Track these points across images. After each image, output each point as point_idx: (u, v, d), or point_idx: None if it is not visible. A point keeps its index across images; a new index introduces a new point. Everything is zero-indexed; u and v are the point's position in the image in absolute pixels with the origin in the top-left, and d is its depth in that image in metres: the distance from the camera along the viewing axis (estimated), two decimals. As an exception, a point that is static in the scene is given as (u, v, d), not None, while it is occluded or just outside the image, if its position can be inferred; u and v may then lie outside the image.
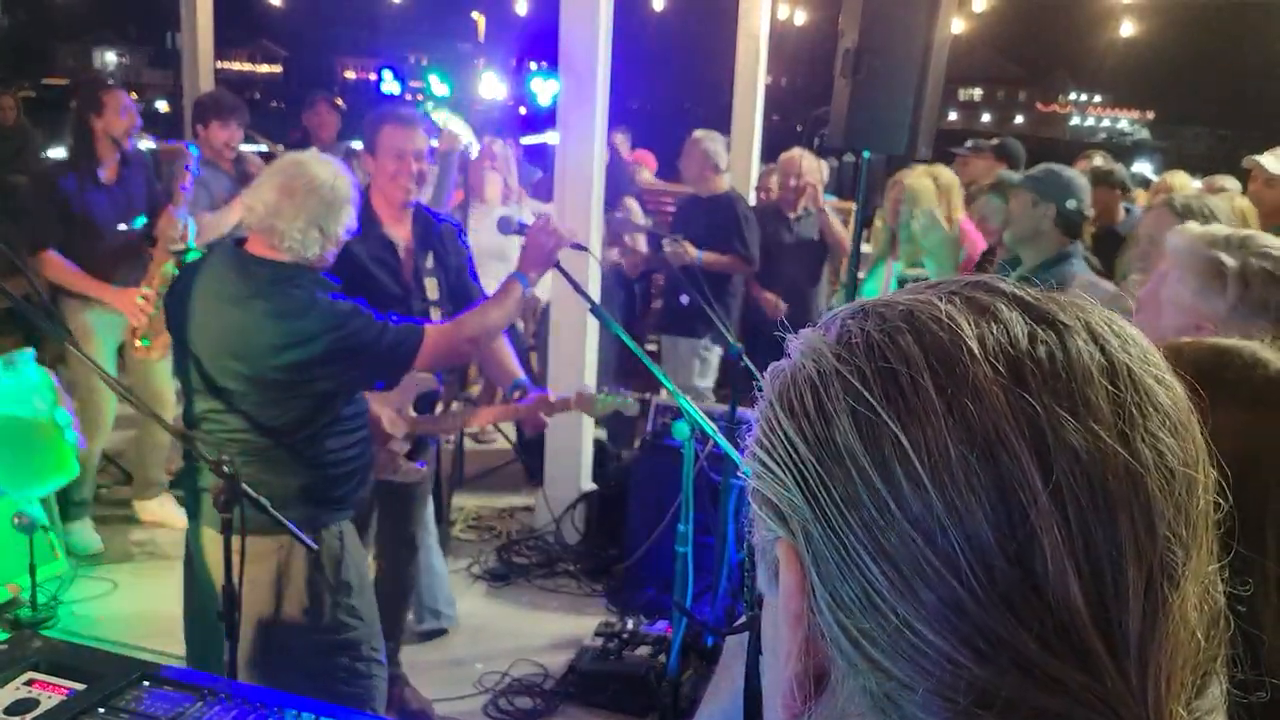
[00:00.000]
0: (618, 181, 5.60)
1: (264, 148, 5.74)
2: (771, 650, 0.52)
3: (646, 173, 7.76)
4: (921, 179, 4.24)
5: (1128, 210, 5.43)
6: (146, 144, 4.34)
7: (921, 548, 0.43)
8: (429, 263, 3.14)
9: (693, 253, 4.79)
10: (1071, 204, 3.10)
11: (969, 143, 5.46)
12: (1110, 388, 0.45)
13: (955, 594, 0.43)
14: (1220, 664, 0.47)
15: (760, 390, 0.53)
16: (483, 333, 2.64)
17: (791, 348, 0.53)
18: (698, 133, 5.10)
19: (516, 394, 3.09)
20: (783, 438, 0.49)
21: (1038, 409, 0.44)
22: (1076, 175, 3.25)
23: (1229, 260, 1.61)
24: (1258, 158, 4.71)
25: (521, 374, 3.19)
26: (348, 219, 2.45)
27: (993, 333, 0.46)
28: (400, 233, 3.10)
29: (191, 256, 4.11)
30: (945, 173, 4.44)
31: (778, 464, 0.49)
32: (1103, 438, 0.44)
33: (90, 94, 4.13)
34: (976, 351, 0.45)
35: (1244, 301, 1.57)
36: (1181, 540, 0.44)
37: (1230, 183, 4.84)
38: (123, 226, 4.20)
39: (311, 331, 2.39)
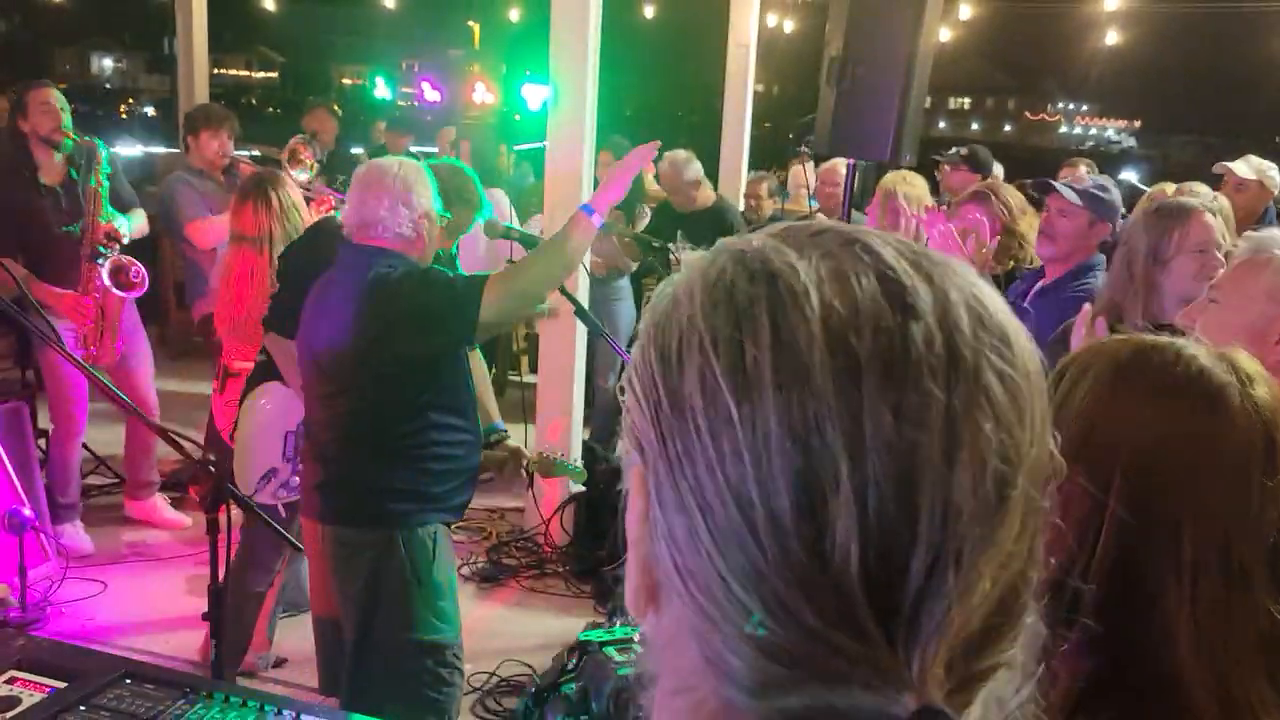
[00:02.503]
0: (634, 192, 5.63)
1: (258, 153, 5.76)
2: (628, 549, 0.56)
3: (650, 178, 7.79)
4: (897, 183, 4.29)
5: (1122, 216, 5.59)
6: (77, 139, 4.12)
7: (734, 514, 0.47)
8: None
9: None
10: (1121, 223, 3.09)
11: (953, 150, 5.51)
12: (944, 378, 0.47)
13: (757, 561, 0.47)
14: (1022, 621, 0.50)
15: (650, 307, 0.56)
16: (543, 276, 2.61)
17: (679, 273, 0.55)
18: (667, 159, 5.11)
19: (493, 438, 3.14)
20: (649, 373, 0.52)
21: (863, 401, 0.46)
22: (1119, 195, 3.24)
23: None
24: (1228, 163, 4.81)
25: (498, 419, 3.26)
26: (425, 196, 2.61)
27: (840, 312, 0.48)
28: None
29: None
30: (916, 179, 4.51)
31: (643, 396, 0.52)
32: (920, 432, 0.46)
33: (17, 95, 4.07)
34: (818, 336, 0.48)
35: None
36: (983, 530, 0.47)
37: (1201, 189, 4.94)
38: (69, 228, 4.11)
39: (394, 293, 2.49)
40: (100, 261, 4.09)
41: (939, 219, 3.01)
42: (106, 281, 4.10)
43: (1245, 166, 4.75)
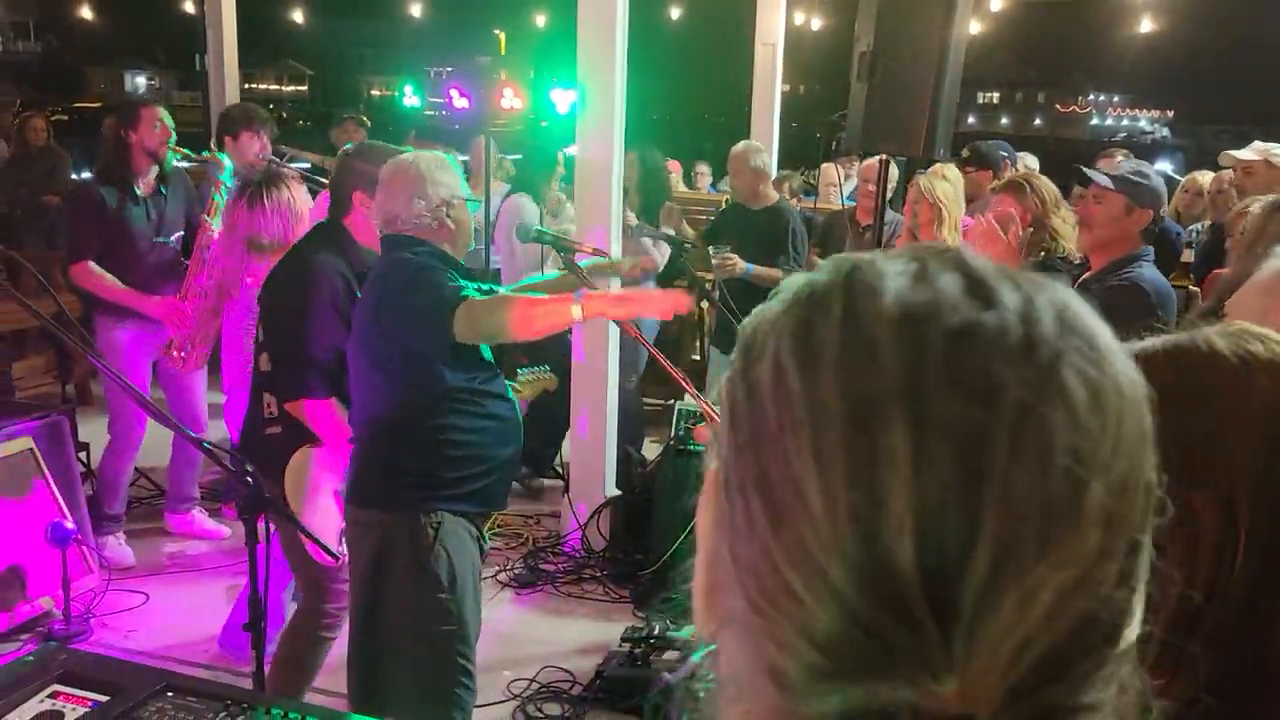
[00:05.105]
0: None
1: (306, 164, 5.73)
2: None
3: (675, 178, 7.78)
4: (938, 180, 4.22)
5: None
6: (181, 164, 4.38)
7: (789, 490, 0.45)
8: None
9: (741, 266, 4.73)
10: (1164, 211, 3.08)
11: (971, 146, 5.42)
12: (1017, 365, 0.45)
13: (807, 540, 0.44)
14: (1114, 663, 0.46)
15: None
16: (506, 328, 2.59)
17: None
18: (741, 147, 5.05)
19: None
20: (733, 371, 0.51)
21: (929, 380, 0.44)
22: (1161, 180, 3.18)
23: None
24: (1232, 152, 4.80)
25: None
26: (444, 185, 2.68)
27: (918, 296, 0.46)
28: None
29: None
30: (952, 171, 4.44)
31: (725, 395, 0.51)
32: (986, 417, 0.43)
33: (126, 109, 4.28)
34: (889, 312, 0.46)
35: None
36: (1050, 532, 0.43)
37: (1205, 177, 4.92)
38: (160, 239, 4.28)
39: (405, 276, 2.59)
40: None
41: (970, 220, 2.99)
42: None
43: (1248, 151, 4.71)
